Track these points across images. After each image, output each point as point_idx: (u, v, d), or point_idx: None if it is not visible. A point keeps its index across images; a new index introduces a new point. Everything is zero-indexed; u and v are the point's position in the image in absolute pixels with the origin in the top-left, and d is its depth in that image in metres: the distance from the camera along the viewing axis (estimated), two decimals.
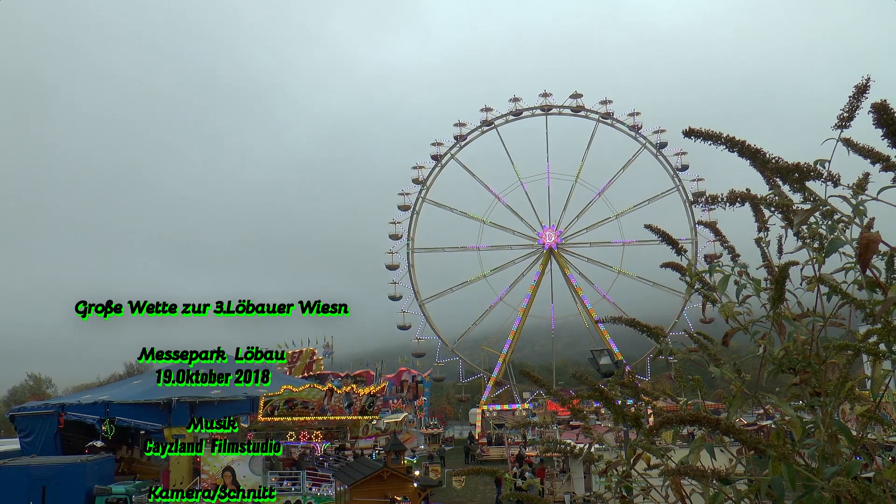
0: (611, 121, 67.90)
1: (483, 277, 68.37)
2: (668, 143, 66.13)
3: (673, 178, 66.60)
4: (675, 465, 2.14)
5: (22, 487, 23.72)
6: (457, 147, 69.48)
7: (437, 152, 69.08)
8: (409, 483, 21.86)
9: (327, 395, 31.78)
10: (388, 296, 66.69)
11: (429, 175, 68.87)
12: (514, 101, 69.32)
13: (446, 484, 34.09)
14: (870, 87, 1.98)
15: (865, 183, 2.07)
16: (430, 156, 69.25)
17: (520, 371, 3.19)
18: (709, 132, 2.13)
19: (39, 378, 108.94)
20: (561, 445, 2.93)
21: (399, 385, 61.81)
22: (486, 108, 69.36)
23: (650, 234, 2.74)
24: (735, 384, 2.35)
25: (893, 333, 1.97)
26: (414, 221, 68.10)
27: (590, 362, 17.33)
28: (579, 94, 68.88)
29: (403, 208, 67.97)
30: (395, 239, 67.24)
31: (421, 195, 68.49)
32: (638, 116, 67.26)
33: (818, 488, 1.84)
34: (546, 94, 69.09)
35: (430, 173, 68.95)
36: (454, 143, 69.32)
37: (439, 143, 69.33)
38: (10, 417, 35.17)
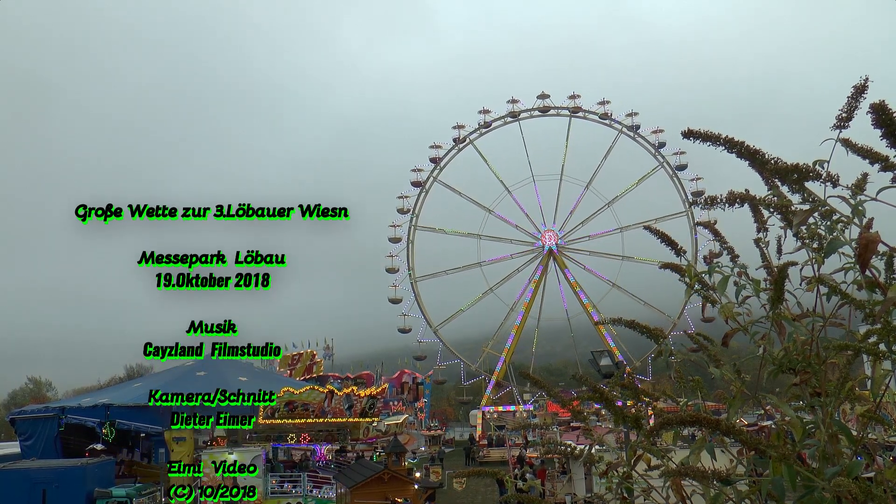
0: (633, 133, 67.59)
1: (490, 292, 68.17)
2: (668, 145, 66.07)
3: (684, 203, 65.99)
4: (676, 466, 2.14)
5: (22, 491, 23.70)
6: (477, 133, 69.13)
7: (435, 155, 69.00)
8: (410, 485, 21.85)
9: (328, 397, 31.76)
10: (388, 298, 66.71)
11: (428, 178, 68.84)
12: (541, 98, 69.18)
13: (447, 486, 34.06)
14: (868, 87, 1.98)
15: (864, 183, 2.07)
16: (430, 158, 69.10)
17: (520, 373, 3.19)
18: (708, 133, 2.13)
19: (39, 381, 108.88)
20: (561, 447, 2.93)
21: (399, 387, 61.78)
22: (513, 100, 69.10)
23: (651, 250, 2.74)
24: (735, 385, 2.34)
25: (893, 333, 1.97)
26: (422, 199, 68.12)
27: (590, 363, 17.31)
28: (607, 101, 68.64)
29: (415, 184, 68.03)
30: (395, 242, 67.23)
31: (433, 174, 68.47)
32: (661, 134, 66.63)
33: (819, 489, 1.84)
34: (574, 95, 68.88)
35: (428, 177, 68.89)
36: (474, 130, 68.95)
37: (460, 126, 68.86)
38: (11, 421, 35.15)
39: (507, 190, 69.30)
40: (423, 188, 68.13)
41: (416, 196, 68.08)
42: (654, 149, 66.81)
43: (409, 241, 67.25)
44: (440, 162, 68.73)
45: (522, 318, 67.81)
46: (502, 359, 66.19)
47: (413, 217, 67.57)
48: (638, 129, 67.60)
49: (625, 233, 67.31)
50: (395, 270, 66.41)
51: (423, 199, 68.27)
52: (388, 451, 24.44)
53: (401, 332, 66.46)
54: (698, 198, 2.36)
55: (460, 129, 69.00)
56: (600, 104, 68.27)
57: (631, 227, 66.87)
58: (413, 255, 67.51)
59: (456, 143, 68.98)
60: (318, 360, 59.40)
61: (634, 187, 68.14)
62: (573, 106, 68.63)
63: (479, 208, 69.53)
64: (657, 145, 66.79)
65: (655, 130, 67.09)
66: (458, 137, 68.92)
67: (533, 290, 67.95)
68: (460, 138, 68.88)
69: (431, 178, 68.49)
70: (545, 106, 69.18)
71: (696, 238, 62.77)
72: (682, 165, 65.80)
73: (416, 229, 67.68)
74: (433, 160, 68.67)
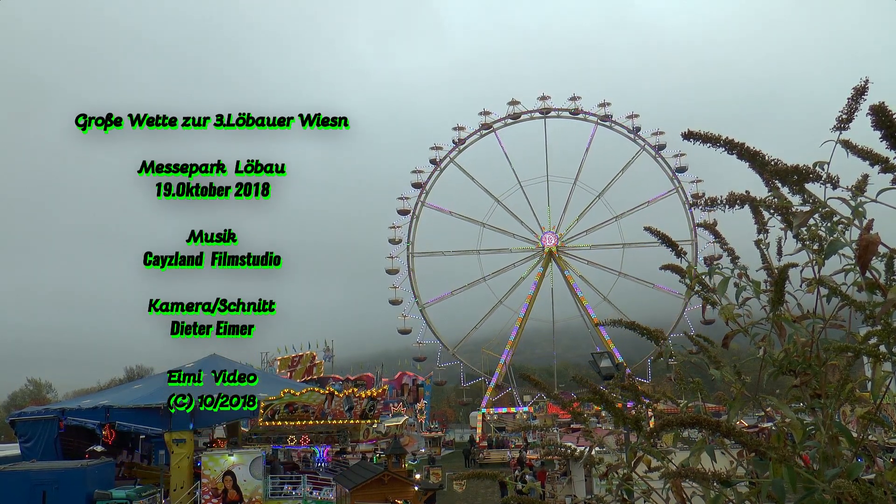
0: (609, 123, 68.04)
1: (482, 280, 68.34)
2: (668, 146, 66.31)
3: (672, 181, 66.72)
4: (676, 468, 2.14)
5: (22, 493, 23.69)
6: (456, 151, 69.39)
7: (435, 157, 69.05)
8: (410, 486, 21.84)
9: (328, 398, 31.76)
10: (388, 300, 66.70)
11: (428, 179, 68.84)
12: (512, 105, 69.35)
13: (446, 487, 34.05)
14: (868, 89, 1.98)
15: (864, 185, 2.07)
16: (429, 160, 69.20)
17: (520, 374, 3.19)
18: (708, 134, 2.13)
19: (39, 383, 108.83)
20: (562, 448, 2.92)
21: (399, 388, 61.78)
22: (485, 112, 69.42)
23: (650, 236, 2.74)
24: (735, 386, 2.34)
25: (893, 335, 1.96)
26: (414, 226, 68.06)
27: (590, 365, 17.32)
28: (578, 97, 69.06)
29: (403, 212, 67.95)
30: (395, 244, 67.21)
31: (421, 199, 68.42)
32: (637, 119, 67.45)
33: (819, 490, 1.84)
34: (545, 97, 69.19)
35: (429, 178, 68.90)
36: (453, 147, 69.24)
37: (438, 146, 69.26)
38: (11, 422, 35.11)
39: (496, 201, 69.38)
40: (413, 215, 68.09)
41: (408, 224, 67.88)
42: (634, 133, 67.34)
43: (409, 269, 67.23)
44: (424, 186, 68.56)
45: (523, 320, 67.81)
46: (503, 359, 66.16)
47: (409, 245, 67.48)
48: (611, 118, 67.92)
49: (621, 220, 67.71)
50: (399, 302, 66.43)
51: (415, 225, 68.06)
52: (389, 453, 24.45)
53: (401, 333, 66.45)
54: (697, 200, 2.36)
55: (437, 150, 68.88)
56: (601, 106, 68.39)
57: (626, 214, 67.50)
58: (416, 283, 67.41)
59: (435, 164, 68.82)
60: (318, 361, 59.41)
61: (620, 175, 68.38)
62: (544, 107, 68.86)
63: (474, 224, 69.49)
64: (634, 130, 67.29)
65: (630, 115, 67.43)
66: (436, 159, 68.81)
67: (532, 293, 67.98)
68: (438, 160, 68.77)
69: (419, 203, 68.27)
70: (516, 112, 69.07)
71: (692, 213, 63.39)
72: (661, 145, 66.37)
73: (413, 257, 67.58)
74: (416, 185, 68.50)
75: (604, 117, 67.97)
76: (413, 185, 68.65)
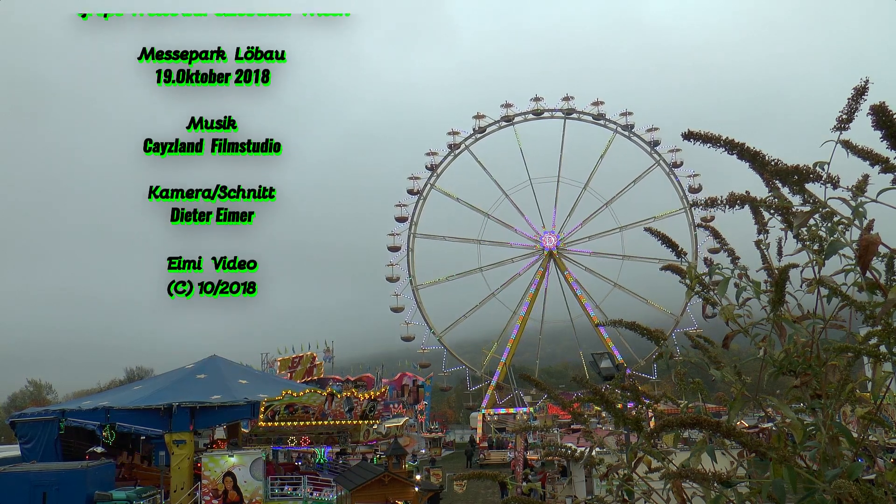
0: (629, 133, 67.55)
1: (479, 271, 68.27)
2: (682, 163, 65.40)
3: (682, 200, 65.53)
4: (677, 468, 2.14)
5: (22, 494, 23.69)
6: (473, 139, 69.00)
7: (452, 141, 69.00)
8: (411, 487, 21.82)
9: (328, 399, 31.74)
10: (385, 277, 66.57)
11: (441, 161, 68.77)
12: (535, 101, 69.00)
13: (447, 488, 34.02)
14: (868, 89, 1.98)
15: (865, 185, 2.07)
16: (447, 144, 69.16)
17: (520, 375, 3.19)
18: (708, 135, 2.13)
19: (39, 384, 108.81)
20: (562, 449, 2.92)
21: (400, 389, 61.77)
22: (507, 104, 68.91)
23: (651, 248, 2.74)
24: (736, 387, 2.34)
25: (894, 335, 1.96)
26: (420, 206, 68.10)
27: (591, 365, 17.32)
28: (601, 101, 68.43)
29: (412, 192, 68.00)
30: (401, 221, 67.21)
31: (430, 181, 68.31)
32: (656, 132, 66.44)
33: (819, 491, 1.84)
34: (568, 97, 68.73)
35: (442, 160, 68.82)
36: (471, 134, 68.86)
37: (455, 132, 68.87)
38: (11, 423, 35.13)
39: (504, 194, 69.32)
40: (421, 196, 68.16)
41: (414, 204, 68.08)
42: (651, 147, 66.95)
43: (409, 248, 67.28)
44: (437, 169, 68.68)
45: (523, 321, 67.77)
46: (504, 359, 66.12)
47: (412, 225, 67.60)
48: (632, 128, 67.67)
49: (624, 232, 67.22)
50: (396, 279, 66.39)
51: (421, 206, 68.27)
52: (389, 454, 24.43)
53: (404, 340, 66.38)
54: (696, 195, 2.35)
55: (454, 134, 69.01)
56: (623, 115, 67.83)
57: (630, 227, 66.84)
58: (413, 263, 67.53)
59: (451, 149, 68.92)
60: (319, 362, 59.42)
61: (631, 186, 68.07)
62: (567, 108, 68.68)
63: (478, 213, 69.53)
64: (652, 143, 66.90)
65: (651, 129, 67.07)
66: (454, 143, 68.93)
67: (534, 292, 67.90)
68: (455, 144, 68.91)
69: (429, 185, 68.48)
70: (538, 109, 69.07)
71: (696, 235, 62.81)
72: (677, 163, 65.71)
73: (415, 237, 67.72)
74: (429, 167, 68.68)
75: (625, 126, 67.52)
76: (426, 167, 68.65)
